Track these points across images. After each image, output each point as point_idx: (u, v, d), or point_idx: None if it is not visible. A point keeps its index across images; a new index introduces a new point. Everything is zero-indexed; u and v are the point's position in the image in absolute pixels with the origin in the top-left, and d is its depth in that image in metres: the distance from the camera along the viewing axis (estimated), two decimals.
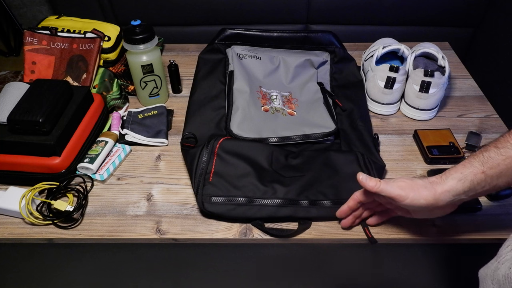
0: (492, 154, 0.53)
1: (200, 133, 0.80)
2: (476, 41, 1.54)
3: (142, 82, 0.90)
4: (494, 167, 0.53)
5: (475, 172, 0.54)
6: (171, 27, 1.56)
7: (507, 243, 0.52)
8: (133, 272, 0.84)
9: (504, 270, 0.48)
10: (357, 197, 0.65)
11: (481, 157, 0.54)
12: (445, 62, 0.90)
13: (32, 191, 0.71)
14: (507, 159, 0.52)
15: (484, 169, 0.53)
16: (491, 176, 0.53)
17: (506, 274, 0.48)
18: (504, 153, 0.52)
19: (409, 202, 0.56)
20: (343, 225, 0.69)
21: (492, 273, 0.50)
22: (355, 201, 0.66)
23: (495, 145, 0.54)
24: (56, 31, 0.94)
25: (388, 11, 1.49)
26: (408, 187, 0.57)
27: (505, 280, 0.48)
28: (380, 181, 0.59)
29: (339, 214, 0.68)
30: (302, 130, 0.81)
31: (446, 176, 0.56)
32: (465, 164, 0.55)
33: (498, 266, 0.50)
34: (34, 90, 0.77)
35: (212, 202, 0.69)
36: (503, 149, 0.53)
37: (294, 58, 0.93)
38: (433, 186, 0.56)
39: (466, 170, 0.54)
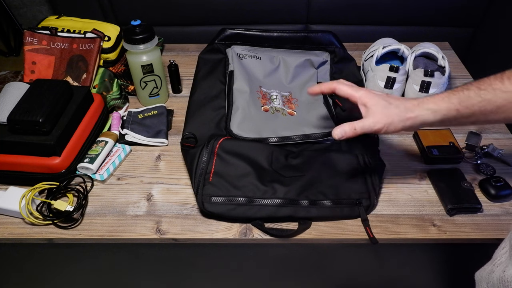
0: (472, 93, 0.54)
1: (200, 133, 0.80)
2: (476, 41, 1.54)
3: (142, 82, 0.90)
4: (469, 107, 0.54)
5: (450, 108, 0.55)
6: (171, 27, 1.56)
7: (502, 245, 0.52)
8: (133, 272, 0.84)
9: (498, 273, 0.48)
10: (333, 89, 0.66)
11: (460, 95, 0.55)
12: (445, 62, 0.90)
13: (32, 191, 0.71)
14: (483, 101, 0.53)
15: (459, 108, 0.55)
16: (463, 114, 0.55)
17: (500, 277, 0.48)
18: (483, 95, 0.53)
19: (383, 133, 0.60)
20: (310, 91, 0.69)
21: (487, 276, 0.51)
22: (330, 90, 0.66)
23: (477, 86, 0.54)
24: (56, 31, 0.94)
25: (388, 11, 1.49)
26: (382, 117, 0.59)
27: (499, 283, 0.48)
28: (355, 128, 0.61)
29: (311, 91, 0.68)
30: (302, 130, 0.81)
31: (423, 104, 0.57)
32: (443, 97, 0.56)
33: (493, 269, 0.50)
34: (34, 90, 0.77)
35: (212, 202, 0.69)
36: (483, 92, 0.53)
37: (294, 58, 0.93)
38: (406, 114, 0.58)
39: (442, 104, 0.56)
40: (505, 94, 0.52)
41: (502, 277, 0.47)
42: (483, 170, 0.79)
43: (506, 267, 0.48)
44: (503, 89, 0.52)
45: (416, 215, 0.72)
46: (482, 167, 0.79)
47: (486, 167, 0.79)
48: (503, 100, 0.52)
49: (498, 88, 0.52)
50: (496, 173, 0.78)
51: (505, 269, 0.48)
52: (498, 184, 0.74)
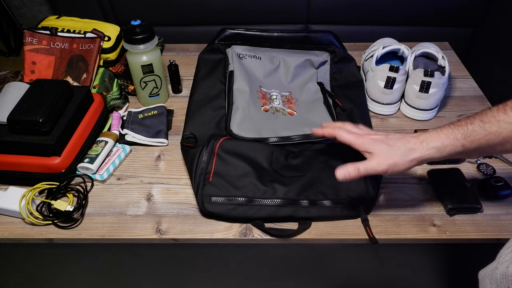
0: (476, 127, 0.53)
1: (200, 133, 0.80)
2: (476, 41, 1.54)
3: (142, 82, 0.90)
4: (475, 141, 0.53)
5: (456, 144, 0.54)
6: (171, 27, 1.56)
7: (508, 244, 0.52)
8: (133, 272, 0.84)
9: (502, 269, 0.48)
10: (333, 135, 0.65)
11: (465, 129, 0.54)
12: (445, 62, 0.90)
13: (32, 191, 0.71)
14: (489, 135, 0.52)
15: (465, 143, 0.54)
16: (469, 148, 0.54)
17: (504, 273, 0.48)
18: (487, 128, 0.52)
19: (388, 174, 0.59)
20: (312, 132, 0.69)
21: (491, 273, 0.50)
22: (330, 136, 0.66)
23: (480, 119, 0.53)
24: (56, 31, 0.94)
25: (388, 11, 1.49)
26: (386, 159, 0.58)
27: (502, 278, 0.48)
28: (359, 169, 0.59)
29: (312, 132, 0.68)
30: (302, 130, 0.81)
31: (427, 142, 0.56)
32: (448, 134, 0.55)
33: (497, 266, 0.50)
34: (34, 90, 0.77)
35: (212, 202, 0.69)
36: (487, 124, 0.52)
37: (294, 58, 0.93)
38: (410, 154, 0.57)
39: (447, 141, 0.55)
40: (510, 125, 0.51)
41: (506, 272, 0.47)
42: (483, 170, 0.79)
43: (511, 264, 0.47)
44: (508, 120, 0.51)
45: (416, 215, 0.72)
46: (482, 167, 0.79)
47: (486, 167, 0.79)
48: (509, 132, 0.51)
49: (502, 120, 0.51)
50: (496, 173, 0.78)
51: (509, 265, 0.48)
52: (498, 184, 0.74)
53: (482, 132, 0.52)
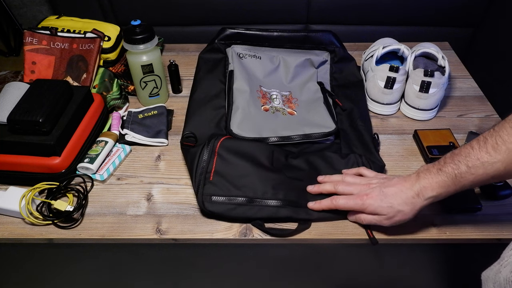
0: (464, 173, 0.56)
1: (200, 133, 0.80)
2: (476, 41, 1.54)
3: (142, 82, 0.90)
4: (465, 184, 0.56)
5: (449, 191, 0.58)
6: (171, 27, 1.56)
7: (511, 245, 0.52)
8: (133, 272, 0.84)
9: (505, 273, 0.48)
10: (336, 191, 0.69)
11: (453, 176, 0.57)
12: (445, 62, 0.90)
13: (32, 191, 0.71)
14: (477, 177, 0.55)
15: (456, 188, 0.57)
16: (461, 189, 0.58)
17: (508, 277, 0.48)
18: (474, 172, 0.55)
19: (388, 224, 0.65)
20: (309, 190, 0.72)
21: (494, 276, 0.51)
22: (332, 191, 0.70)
23: (466, 163, 0.55)
24: (56, 31, 0.94)
25: (388, 11, 1.49)
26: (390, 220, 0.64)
27: (506, 283, 0.48)
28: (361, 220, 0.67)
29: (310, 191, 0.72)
30: (302, 130, 0.81)
31: (423, 194, 0.60)
32: (439, 183, 0.58)
33: (500, 269, 0.50)
34: (34, 90, 0.77)
35: (213, 202, 0.69)
36: (473, 168, 0.55)
37: (294, 58, 0.93)
38: (413, 206, 0.61)
39: (441, 190, 0.58)
40: (494, 166, 0.53)
41: (510, 277, 0.48)
42: None
43: None
44: (491, 161, 0.53)
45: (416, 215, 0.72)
46: None
47: None
48: (494, 171, 0.54)
49: (486, 161, 0.53)
50: None
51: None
52: (498, 184, 0.74)
53: (470, 177, 0.55)
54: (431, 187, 0.59)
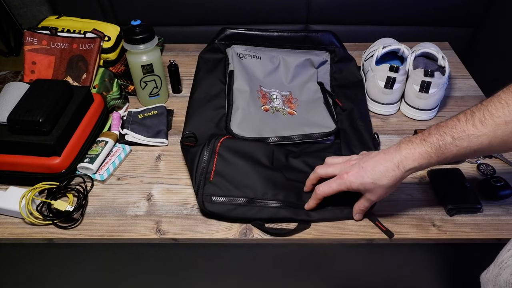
0: (448, 144, 0.55)
1: (200, 133, 0.80)
2: (476, 41, 1.54)
3: (142, 82, 0.90)
4: (448, 156, 0.56)
5: (431, 162, 0.57)
6: (171, 27, 1.56)
7: (508, 246, 0.52)
8: (133, 272, 0.84)
9: (505, 276, 0.48)
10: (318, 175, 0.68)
11: (437, 147, 0.56)
12: (445, 62, 0.90)
13: (32, 191, 0.71)
14: (461, 150, 0.54)
15: (438, 159, 0.57)
16: (444, 161, 0.57)
17: (508, 280, 0.48)
18: (458, 143, 0.54)
19: (376, 200, 0.65)
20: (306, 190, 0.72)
21: (494, 279, 0.51)
22: (316, 178, 0.69)
23: (451, 134, 0.55)
24: (56, 31, 0.94)
25: (388, 11, 1.49)
26: (374, 195, 0.63)
27: (506, 285, 0.48)
28: (361, 210, 0.68)
29: (307, 189, 0.71)
30: (302, 130, 0.81)
31: (403, 165, 0.59)
32: (422, 153, 0.57)
33: (499, 272, 0.50)
34: (34, 90, 0.77)
35: (213, 202, 0.69)
36: (458, 140, 0.54)
37: (294, 58, 0.93)
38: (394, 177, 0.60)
39: (423, 161, 0.57)
40: (479, 139, 0.53)
41: (510, 279, 0.47)
42: (483, 170, 0.79)
43: None
44: (477, 134, 0.53)
45: (416, 215, 0.72)
46: (482, 167, 0.79)
47: (486, 167, 0.79)
48: (478, 145, 0.53)
49: (472, 134, 0.53)
50: (496, 173, 0.78)
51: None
52: (498, 184, 0.74)
53: (454, 149, 0.55)
54: (413, 157, 0.58)
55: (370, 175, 0.60)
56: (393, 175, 0.59)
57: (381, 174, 0.60)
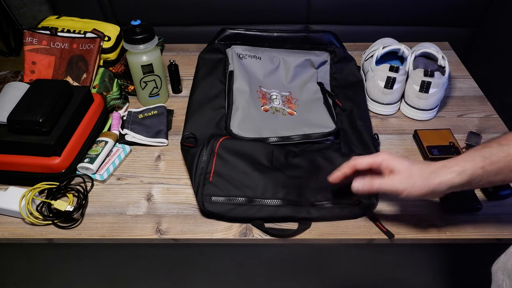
0: (494, 150, 0.53)
1: (200, 133, 0.80)
2: (476, 41, 1.54)
3: (142, 82, 0.90)
4: (494, 164, 0.53)
5: (476, 167, 0.53)
6: (171, 27, 1.56)
7: None
8: (133, 272, 0.84)
9: None
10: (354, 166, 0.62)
11: (483, 152, 0.54)
12: (445, 62, 0.90)
13: (32, 191, 0.71)
14: (508, 157, 0.52)
15: (484, 165, 0.53)
16: (489, 172, 0.53)
17: None
18: (506, 150, 0.52)
19: (405, 196, 0.56)
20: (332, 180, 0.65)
21: (503, 265, 0.51)
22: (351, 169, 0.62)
23: (498, 142, 0.54)
24: (56, 31, 0.94)
25: (388, 11, 1.49)
26: (404, 179, 0.56)
27: None
28: (373, 184, 0.58)
29: (333, 180, 0.64)
30: (302, 130, 0.81)
31: (447, 168, 0.55)
32: (466, 158, 0.54)
33: (509, 258, 0.50)
34: (34, 90, 0.77)
35: (212, 202, 0.69)
36: (506, 147, 0.53)
37: (294, 58, 0.93)
38: (431, 177, 0.55)
39: (467, 164, 0.54)
40: None
41: None
42: None
43: None
44: None
45: (416, 215, 0.72)
46: None
47: None
48: None
49: None
50: None
51: None
52: None
53: (501, 154, 0.53)
54: (456, 161, 0.55)
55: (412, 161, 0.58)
56: (435, 171, 0.55)
57: (424, 165, 0.57)
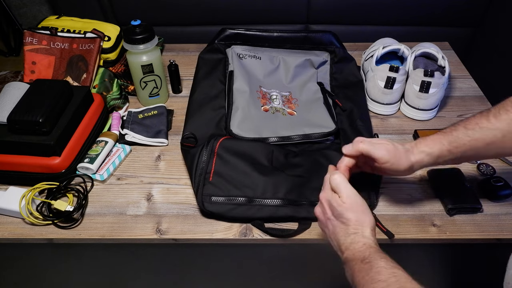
0: (460, 134, 0.57)
1: (200, 133, 0.80)
2: (476, 41, 1.54)
3: (142, 82, 0.90)
4: (460, 147, 0.57)
5: (442, 149, 0.58)
6: (171, 27, 1.56)
7: None
8: (133, 272, 0.84)
9: None
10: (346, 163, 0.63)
11: (449, 136, 0.58)
12: (445, 62, 0.90)
13: (32, 191, 0.71)
14: (472, 141, 0.56)
15: (450, 148, 0.57)
16: (455, 153, 0.58)
17: None
18: (471, 135, 0.56)
19: (388, 166, 0.59)
20: None
21: None
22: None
23: (464, 126, 0.57)
24: (56, 31, 0.94)
25: (388, 11, 1.49)
26: (391, 152, 0.59)
27: None
28: (363, 142, 0.61)
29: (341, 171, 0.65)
30: (302, 130, 0.81)
31: (417, 147, 0.60)
32: (434, 139, 0.59)
33: None
34: (34, 90, 0.77)
35: (212, 202, 0.69)
36: (471, 131, 0.56)
37: (294, 58, 0.93)
38: (409, 155, 0.59)
39: (434, 146, 0.59)
40: (492, 132, 0.54)
41: None
42: (483, 170, 0.79)
43: None
44: (490, 127, 0.54)
45: (416, 215, 0.72)
46: (482, 167, 0.79)
47: (486, 167, 0.79)
48: (492, 137, 0.55)
49: (485, 127, 0.55)
50: (496, 173, 0.78)
51: None
52: (498, 184, 0.74)
53: (466, 138, 0.56)
54: (425, 142, 0.59)
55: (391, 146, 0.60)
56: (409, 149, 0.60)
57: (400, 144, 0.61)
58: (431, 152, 0.59)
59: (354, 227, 0.54)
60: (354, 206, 0.55)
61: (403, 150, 0.60)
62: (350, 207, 0.55)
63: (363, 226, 0.54)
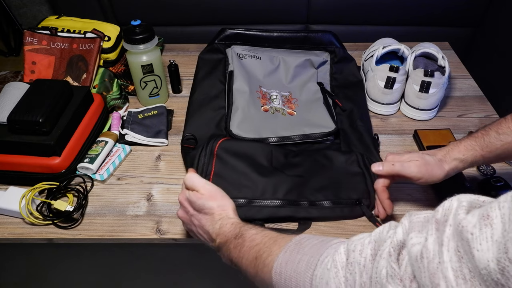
0: (492, 139, 0.57)
1: (200, 133, 0.80)
2: (476, 41, 1.54)
3: (142, 82, 0.90)
4: (493, 151, 0.58)
5: (476, 155, 0.59)
6: (171, 27, 1.56)
7: None
8: (133, 272, 0.84)
9: None
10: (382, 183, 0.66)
11: (481, 141, 0.59)
12: (445, 62, 0.90)
13: (32, 191, 0.71)
14: (505, 145, 0.57)
15: (483, 153, 0.58)
16: (489, 157, 0.59)
17: None
18: (503, 139, 0.57)
19: (423, 182, 0.61)
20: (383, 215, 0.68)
21: None
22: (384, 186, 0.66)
23: (496, 130, 0.57)
24: (56, 31, 0.94)
25: (388, 11, 1.49)
26: (422, 168, 0.61)
27: None
28: (394, 164, 0.63)
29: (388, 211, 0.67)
30: (302, 130, 0.81)
31: (450, 155, 0.61)
32: (467, 146, 0.60)
33: None
34: (34, 90, 0.77)
35: None
36: (503, 135, 0.57)
37: (294, 58, 0.93)
38: (442, 164, 0.61)
39: (467, 153, 0.60)
40: None
41: None
42: (483, 170, 0.79)
43: None
44: None
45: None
46: (482, 167, 0.79)
47: (486, 167, 0.79)
48: None
49: None
50: (496, 173, 0.78)
51: None
52: (498, 184, 0.74)
53: (498, 143, 0.57)
54: (458, 149, 0.61)
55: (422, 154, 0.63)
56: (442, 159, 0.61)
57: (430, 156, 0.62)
58: (464, 159, 0.60)
59: (219, 213, 0.56)
60: (213, 195, 0.57)
61: (434, 162, 0.61)
62: (209, 196, 0.57)
63: (226, 210, 0.56)
